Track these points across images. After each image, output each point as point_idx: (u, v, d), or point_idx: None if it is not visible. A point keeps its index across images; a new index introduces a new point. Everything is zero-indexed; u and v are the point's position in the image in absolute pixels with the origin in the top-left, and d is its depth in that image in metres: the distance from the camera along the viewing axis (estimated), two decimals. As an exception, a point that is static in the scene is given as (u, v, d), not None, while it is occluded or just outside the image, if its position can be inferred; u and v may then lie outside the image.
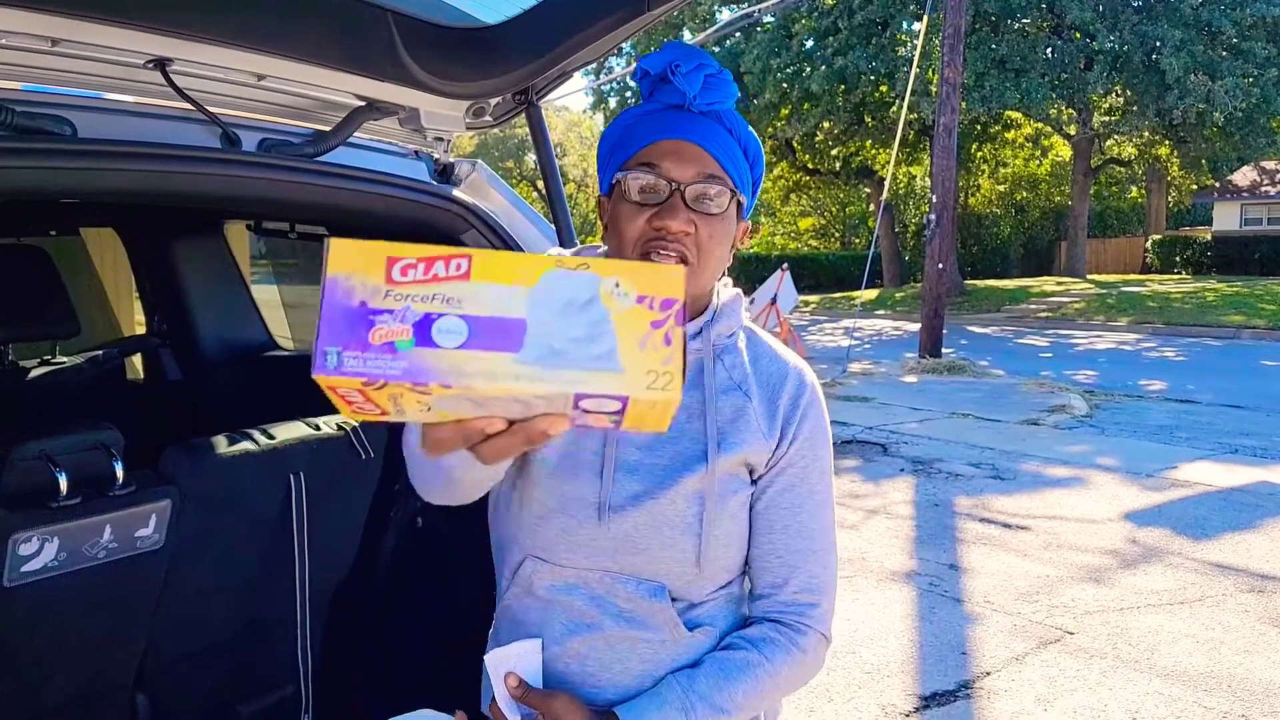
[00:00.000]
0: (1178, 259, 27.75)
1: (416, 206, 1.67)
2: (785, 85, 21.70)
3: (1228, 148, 22.88)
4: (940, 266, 12.26)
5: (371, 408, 0.66)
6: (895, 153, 9.77)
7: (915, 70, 9.63)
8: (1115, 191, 34.25)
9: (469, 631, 1.48)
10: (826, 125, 23.22)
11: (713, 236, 1.05)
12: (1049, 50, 21.05)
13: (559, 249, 1.48)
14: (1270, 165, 28.51)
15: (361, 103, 1.62)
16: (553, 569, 1.11)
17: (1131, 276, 26.89)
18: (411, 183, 1.68)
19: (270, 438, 1.81)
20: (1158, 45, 19.67)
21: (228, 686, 1.98)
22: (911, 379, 11.19)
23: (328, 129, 1.62)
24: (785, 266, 11.89)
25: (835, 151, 25.54)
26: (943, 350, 12.57)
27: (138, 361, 3.12)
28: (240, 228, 3.32)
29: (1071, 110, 22.90)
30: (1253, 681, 3.38)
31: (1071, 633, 3.82)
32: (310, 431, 1.87)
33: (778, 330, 10.85)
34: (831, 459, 1.18)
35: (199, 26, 1.32)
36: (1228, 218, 28.75)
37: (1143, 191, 33.34)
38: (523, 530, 1.12)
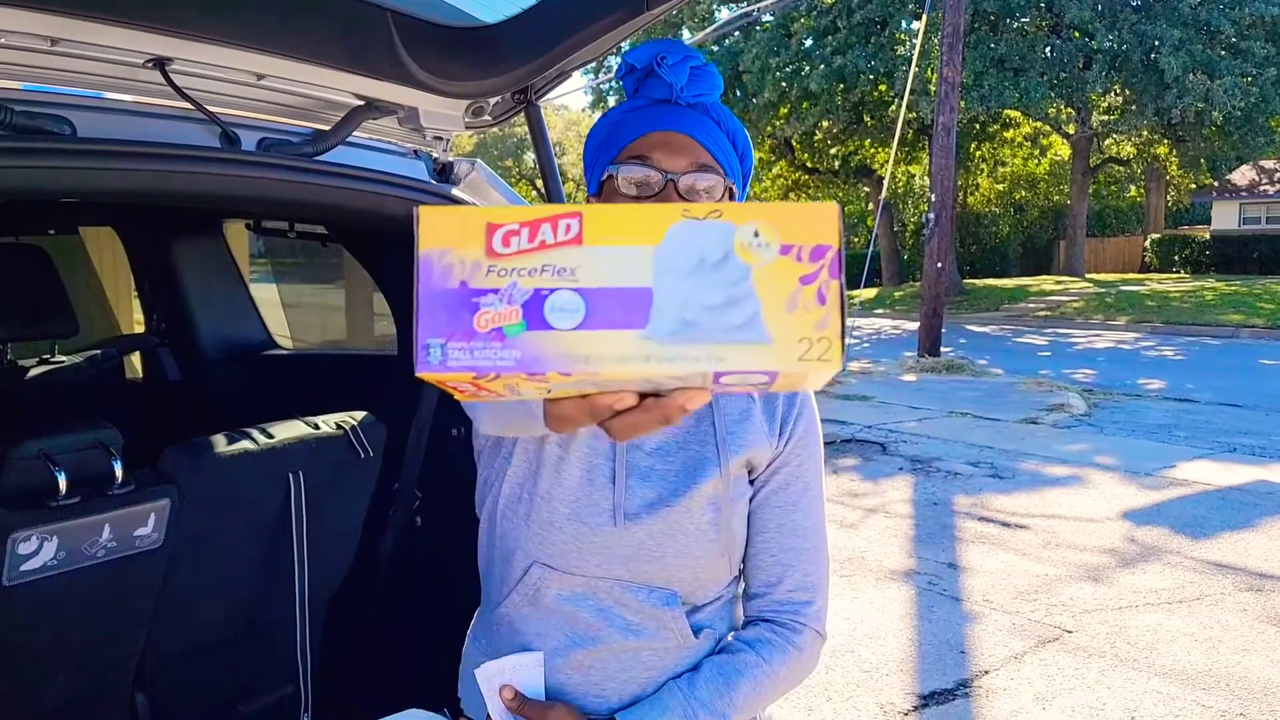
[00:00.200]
0: (1176, 258, 27.78)
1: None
2: (784, 84, 21.70)
3: (1226, 147, 22.90)
4: (939, 265, 12.27)
5: (487, 394, 0.60)
6: (894, 152, 9.77)
7: (914, 69, 9.62)
8: (1114, 190, 34.26)
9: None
10: (825, 124, 23.22)
11: None
12: (1048, 49, 21.06)
13: None
14: (1269, 164, 28.53)
15: (361, 102, 1.62)
16: (561, 577, 1.08)
17: (1130, 275, 26.92)
18: (411, 182, 1.68)
19: (269, 437, 1.81)
20: (1156, 44, 19.68)
21: (227, 686, 1.98)
22: (910, 378, 11.19)
23: (327, 128, 1.62)
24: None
25: (834, 150, 25.55)
26: (941, 349, 12.58)
27: (136, 360, 3.12)
28: (239, 227, 3.32)
29: (1070, 109, 22.91)
30: (1251, 680, 3.39)
31: (1070, 631, 3.82)
32: (309, 431, 1.87)
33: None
34: (823, 455, 1.18)
35: (198, 26, 1.32)
36: (1226, 217, 28.76)
37: (1141, 191, 33.36)
38: (530, 536, 1.09)
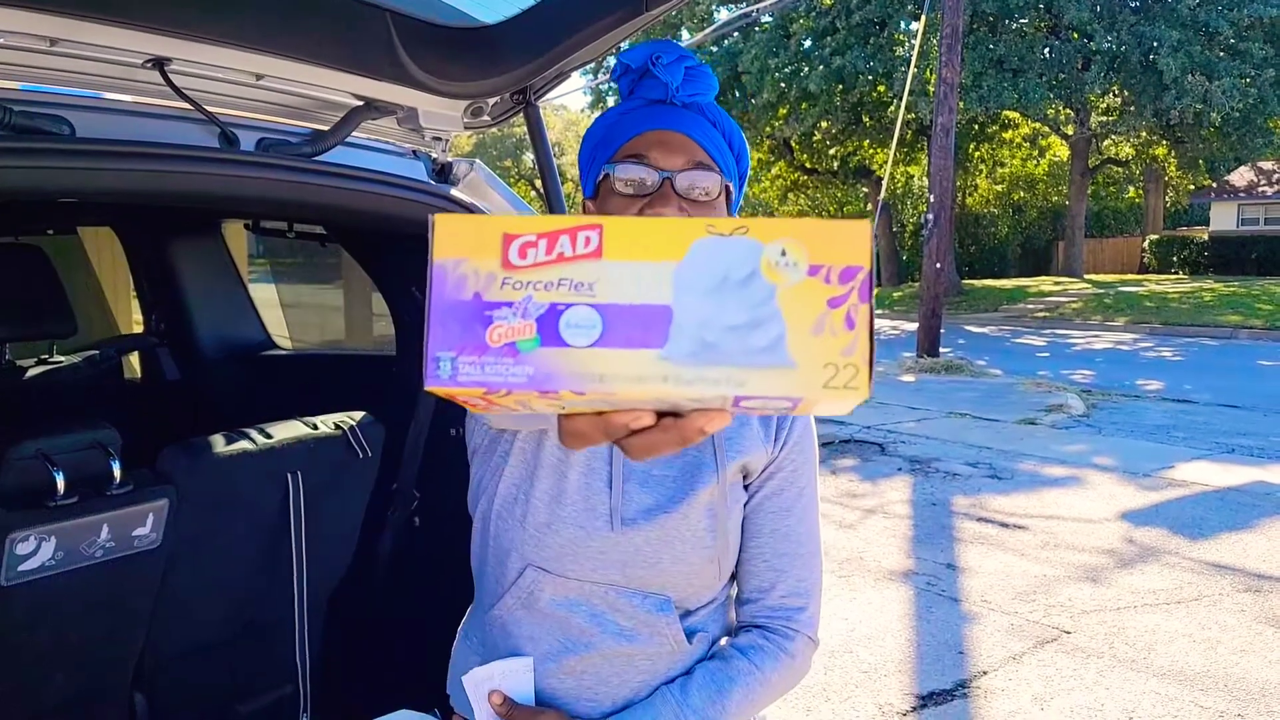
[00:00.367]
0: (1175, 259, 27.81)
1: (414, 206, 1.67)
2: (783, 85, 21.71)
3: (1225, 148, 22.92)
4: (938, 266, 12.27)
5: (498, 409, 0.59)
6: (893, 152, 9.76)
7: (913, 70, 9.62)
8: (1113, 191, 34.29)
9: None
10: (824, 125, 23.23)
11: None
12: (1046, 50, 21.08)
13: None
14: (1267, 165, 28.58)
15: (360, 102, 1.62)
16: (556, 580, 1.07)
17: (1129, 276, 26.96)
18: (409, 182, 1.68)
19: (268, 437, 1.81)
20: (1155, 45, 19.70)
21: (226, 686, 1.98)
22: (909, 378, 11.20)
23: (326, 128, 1.62)
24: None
25: (833, 151, 25.55)
26: (940, 349, 12.58)
27: (135, 361, 3.12)
28: (238, 227, 3.32)
29: (1069, 110, 22.92)
30: (1249, 681, 3.39)
31: (1068, 632, 3.82)
32: (308, 431, 1.87)
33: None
34: (818, 460, 1.18)
35: (197, 26, 1.31)
36: (1225, 218, 28.80)
37: (1140, 191, 33.38)
38: (525, 539, 1.08)
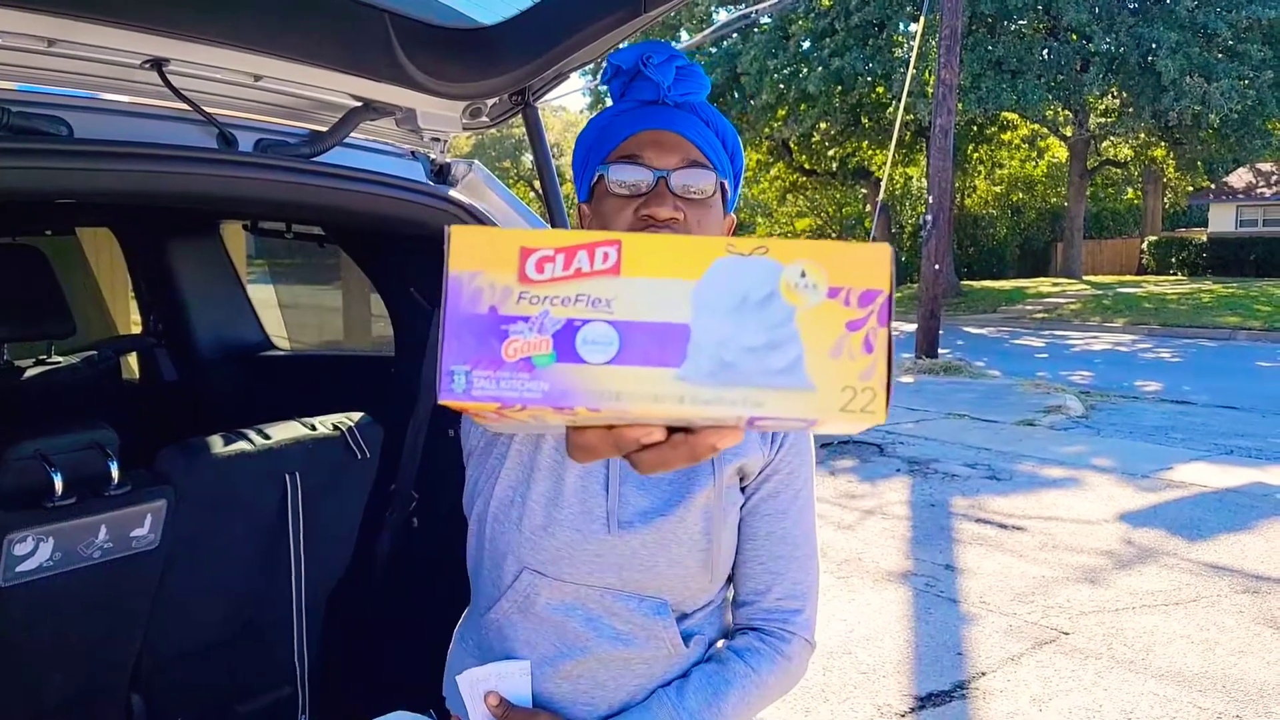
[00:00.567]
0: (1173, 260, 27.84)
1: (413, 207, 1.67)
2: (782, 86, 21.73)
3: (1223, 150, 22.92)
4: (936, 267, 12.28)
5: (511, 423, 0.59)
6: (892, 154, 9.76)
7: (912, 71, 9.63)
8: (1111, 193, 34.30)
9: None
10: (823, 126, 23.24)
11: (701, 223, 1.02)
12: (1045, 52, 21.09)
13: None
14: (1265, 167, 28.59)
15: (358, 103, 1.62)
16: (552, 584, 1.07)
17: (1127, 278, 26.98)
18: (408, 183, 1.68)
19: (266, 438, 1.81)
20: (1154, 47, 19.71)
21: (224, 686, 1.98)
22: (908, 379, 11.20)
23: (324, 129, 1.62)
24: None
25: (832, 152, 25.57)
26: (939, 351, 12.59)
27: (133, 361, 3.12)
28: (236, 228, 3.32)
29: (1068, 112, 22.93)
30: (1247, 682, 3.39)
31: (1067, 633, 3.83)
32: (306, 431, 1.87)
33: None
34: (814, 462, 1.17)
35: (196, 27, 1.32)
36: (1223, 219, 28.82)
37: (1139, 193, 33.40)
38: (522, 541, 1.07)
